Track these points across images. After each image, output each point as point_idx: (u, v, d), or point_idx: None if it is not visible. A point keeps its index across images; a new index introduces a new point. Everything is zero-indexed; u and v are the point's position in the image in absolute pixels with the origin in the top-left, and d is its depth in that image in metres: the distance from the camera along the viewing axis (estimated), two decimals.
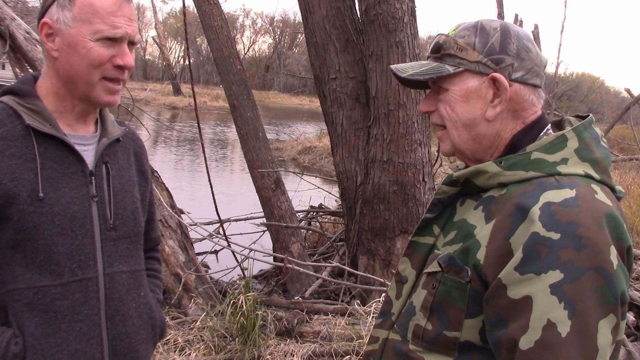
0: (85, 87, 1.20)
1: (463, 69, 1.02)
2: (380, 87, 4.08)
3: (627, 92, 7.77)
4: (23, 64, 3.49)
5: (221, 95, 28.41)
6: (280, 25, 62.93)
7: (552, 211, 0.88)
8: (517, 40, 1.01)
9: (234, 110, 5.24)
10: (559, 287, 0.85)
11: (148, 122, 13.83)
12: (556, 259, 0.85)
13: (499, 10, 6.67)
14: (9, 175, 1.11)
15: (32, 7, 11.57)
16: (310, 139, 17.86)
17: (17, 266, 1.13)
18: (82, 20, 1.16)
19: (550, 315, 0.85)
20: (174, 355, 3.10)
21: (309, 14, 4.38)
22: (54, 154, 1.17)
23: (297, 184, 6.76)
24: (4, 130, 1.13)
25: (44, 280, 1.15)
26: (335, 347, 3.11)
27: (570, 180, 0.93)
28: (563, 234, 0.86)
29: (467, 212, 1.03)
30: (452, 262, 0.98)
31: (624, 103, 21.22)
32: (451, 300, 0.98)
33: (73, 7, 1.16)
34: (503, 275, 0.89)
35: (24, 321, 1.13)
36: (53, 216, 1.15)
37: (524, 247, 0.88)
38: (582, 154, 0.97)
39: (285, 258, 3.97)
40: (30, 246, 1.13)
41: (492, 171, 0.99)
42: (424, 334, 1.01)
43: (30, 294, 1.14)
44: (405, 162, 4.12)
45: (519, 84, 1.01)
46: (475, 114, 1.03)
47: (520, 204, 0.92)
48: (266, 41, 69.92)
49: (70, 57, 1.17)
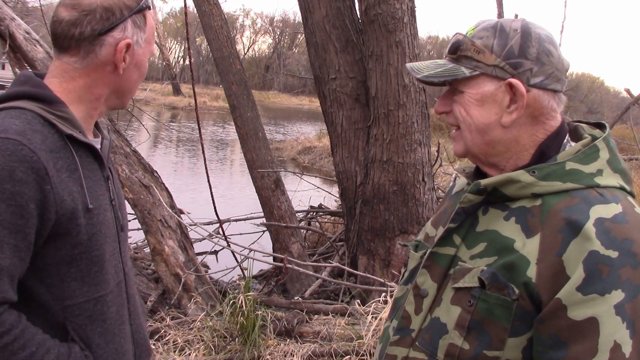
0: (129, 98, 1.27)
1: (479, 72, 0.98)
2: (380, 87, 4.08)
3: (627, 92, 7.76)
4: (23, 64, 3.49)
5: (221, 95, 28.38)
6: (280, 25, 62.94)
7: (606, 228, 0.87)
8: (538, 44, 0.96)
9: (233, 110, 5.24)
10: (622, 306, 0.84)
11: (148, 122, 13.85)
12: (617, 277, 0.84)
13: (499, 10, 6.67)
14: (66, 190, 1.07)
15: (32, 7, 11.59)
16: (310, 139, 17.86)
17: (72, 281, 1.12)
18: (148, 42, 1.22)
19: (616, 336, 0.84)
20: (173, 355, 3.10)
21: (309, 14, 4.39)
22: (86, 161, 1.16)
23: (297, 184, 6.76)
24: (50, 142, 1.07)
25: (100, 290, 1.16)
26: (335, 347, 3.11)
27: (612, 193, 0.93)
28: (620, 252, 0.85)
29: (496, 223, 0.99)
30: (495, 279, 0.93)
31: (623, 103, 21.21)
32: (493, 319, 0.93)
33: (146, 28, 1.20)
34: (563, 295, 0.86)
35: (88, 334, 1.14)
36: (100, 226, 1.16)
37: (584, 266, 0.85)
38: (614, 165, 0.96)
39: (285, 258, 3.97)
40: (85, 259, 1.13)
41: (526, 181, 0.95)
42: (460, 354, 0.96)
43: (90, 307, 1.15)
44: (405, 162, 4.12)
45: (538, 90, 0.97)
46: (491, 119, 0.99)
47: (570, 219, 0.89)
48: (266, 41, 69.98)
49: (132, 74, 1.21)
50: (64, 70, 1.17)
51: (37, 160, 1.02)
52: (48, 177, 1.03)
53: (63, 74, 1.17)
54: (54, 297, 1.11)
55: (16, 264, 1.02)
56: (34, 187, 1.01)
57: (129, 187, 3.73)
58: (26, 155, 1.01)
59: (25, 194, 1.00)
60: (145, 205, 3.77)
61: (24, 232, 1.02)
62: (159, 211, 3.81)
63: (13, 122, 1.04)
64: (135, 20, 1.17)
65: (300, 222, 5.86)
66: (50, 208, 1.04)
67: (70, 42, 1.14)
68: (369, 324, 3.27)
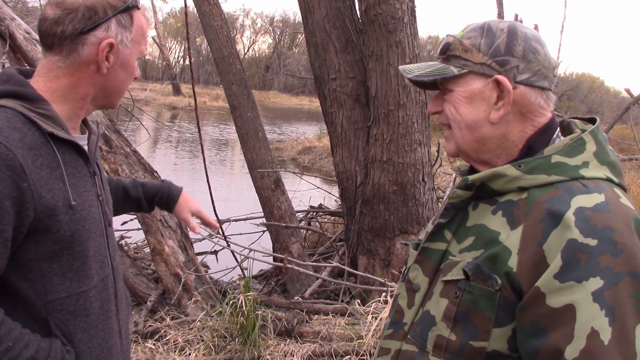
0: (118, 98, 1.27)
1: (467, 70, 1.01)
2: (380, 87, 4.08)
3: (627, 92, 7.76)
4: (23, 64, 3.49)
5: (221, 95, 28.39)
6: (280, 25, 62.94)
7: (586, 217, 0.87)
8: (524, 42, 0.99)
9: (233, 110, 5.24)
10: (600, 294, 0.84)
11: (148, 123, 13.85)
12: (596, 265, 0.85)
13: (499, 10, 6.67)
14: (45, 187, 1.08)
15: (32, 7, 11.59)
16: (310, 139, 17.86)
17: (54, 277, 1.13)
18: (136, 42, 1.21)
19: (593, 323, 0.84)
20: (173, 355, 3.10)
21: (309, 14, 4.39)
22: (69, 158, 1.17)
23: (297, 184, 6.77)
24: (29, 140, 1.08)
25: (82, 285, 1.17)
26: (335, 347, 3.11)
27: (596, 184, 0.93)
28: (600, 240, 0.86)
29: (484, 217, 1.01)
30: (479, 270, 0.96)
31: (623, 103, 21.21)
32: (478, 310, 0.95)
33: (132, 28, 1.19)
34: (541, 283, 0.88)
35: (70, 329, 1.15)
36: (84, 222, 1.16)
37: (562, 255, 0.87)
38: (601, 158, 0.97)
39: (285, 258, 3.97)
40: (67, 255, 1.13)
41: (512, 175, 0.97)
42: (448, 345, 0.98)
43: (72, 302, 1.15)
44: (405, 162, 4.13)
45: (524, 87, 0.99)
46: (479, 116, 1.02)
47: (552, 209, 0.91)
48: (266, 41, 69.98)
49: (118, 74, 1.20)
50: (49, 69, 1.18)
51: (13, 157, 1.02)
52: (25, 175, 1.04)
53: (48, 73, 1.18)
54: (36, 293, 1.11)
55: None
56: (9, 184, 1.02)
57: None
58: (2, 153, 1.01)
59: (1, 191, 1.01)
60: None
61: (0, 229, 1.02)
62: (158, 211, 3.81)
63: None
64: (120, 20, 1.17)
65: (300, 222, 5.86)
66: (27, 205, 1.05)
67: (53, 40, 1.15)
68: (369, 324, 3.27)
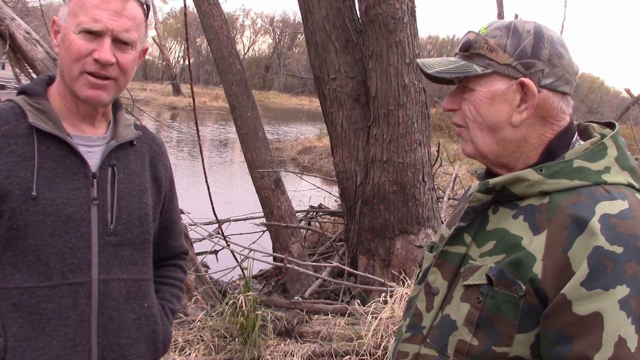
0: (69, 82, 1.17)
1: (492, 70, 0.99)
2: (380, 87, 4.08)
3: (627, 92, 7.76)
4: (23, 64, 3.49)
5: (221, 95, 28.39)
6: (280, 25, 62.94)
7: (612, 224, 0.87)
8: (550, 45, 0.97)
9: (233, 110, 5.24)
10: (626, 301, 0.84)
11: (148, 123, 13.84)
12: (622, 272, 0.84)
13: (498, 10, 6.67)
14: (4, 173, 1.10)
15: (32, 7, 11.59)
16: (310, 139, 17.86)
17: (7, 265, 1.12)
18: (72, 14, 1.15)
19: (620, 331, 0.84)
20: (173, 355, 3.10)
21: (309, 14, 4.38)
22: (55, 153, 1.16)
23: (297, 184, 6.77)
24: (7, 128, 1.14)
25: (31, 281, 1.12)
26: (335, 347, 3.11)
27: (619, 190, 0.93)
28: (626, 247, 0.85)
29: (506, 222, 1.00)
30: (502, 276, 0.94)
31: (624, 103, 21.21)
32: (501, 315, 0.94)
33: (70, 2, 1.17)
34: (567, 290, 0.87)
35: (7, 321, 1.12)
36: (46, 216, 1.13)
37: (589, 262, 0.86)
38: (622, 163, 0.96)
39: (285, 258, 3.97)
40: (20, 245, 1.12)
41: (533, 179, 0.96)
42: (470, 350, 0.97)
43: (16, 294, 1.12)
44: (405, 162, 4.12)
45: (548, 91, 0.98)
46: (501, 117, 1.00)
47: (576, 215, 0.90)
48: (266, 41, 69.99)
49: (61, 51, 1.18)
50: None
51: None
52: None
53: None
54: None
55: None
56: None
57: None
58: None
59: None
60: None
61: None
62: None
63: None
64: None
65: (300, 222, 5.86)
66: None
67: None
68: (369, 324, 3.27)
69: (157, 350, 1.31)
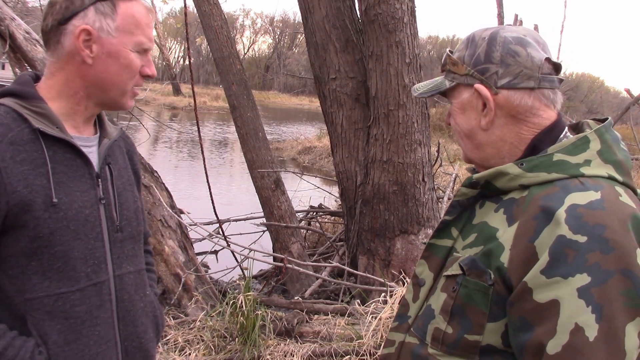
0: (116, 94, 1.22)
1: (456, 82, 1.06)
2: (380, 87, 4.08)
3: (627, 92, 7.77)
4: (23, 64, 3.49)
5: (221, 95, 28.39)
6: (280, 25, 62.92)
7: (578, 214, 0.88)
8: (502, 47, 1.00)
9: (233, 110, 5.24)
10: (586, 290, 0.84)
11: (148, 122, 13.84)
12: (583, 261, 0.85)
13: (498, 10, 6.67)
14: (22, 182, 1.08)
15: (32, 7, 11.58)
16: (310, 139, 17.86)
17: (33, 275, 1.11)
18: (126, 31, 1.18)
19: (578, 319, 0.84)
20: (174, 355, 3.10)
21: (309, 14, 4.39)
22: (62, 157, 1.16)
23: (297, 184, 6.77)
24: (13, 135, 1.09)
25: (62, 286, 1.14)
26: (335, 347, 3.11)
27: (595, 182, 0.93)
28: (590, 237, 0.86)
29: (488, 215, 1.02)
30: (474, 265, 0.98)
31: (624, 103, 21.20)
32: (473, 304, 0.97)
33: (116, 16, 1.17)
34: (529, 278, 0.89)
35: (45, 330, 1.13)
36: (68, 221, 1.14)
37: (550, 250, 0.87)
38: (605, 156, 0.96)
39: (285, 258, 3.97)
40: (47, 253, 1.12)
41: (514, 173, 0.98)
42: (444, 338, 1.00)
43: (50, 302, 1.13)
44: (405, 162, 4.12)
45: (507, 90, 1.00)
46: (472, 124, 1.06)
47: (545, 206, 0.91)
48: (266, 41, 69.97)
49: (108, 65, 1.18)
50: (47, 67, 1.21)
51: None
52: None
53: (47, 71, 1.21)
54: (16, 289, 1.11)
55: None
56: None
57: None
58: None
59: None
60: (145, 205, 3.77)
61: None
62: (159, 211, 3.81)
63: None
64: (99, 8, 1.16)
65: (300, 222, 5.86)
66: (0, 199, 1.06)
67: (45, 37, 1.18)
68: (368, 324, 3.27)
69: (159, 333, 1.40)
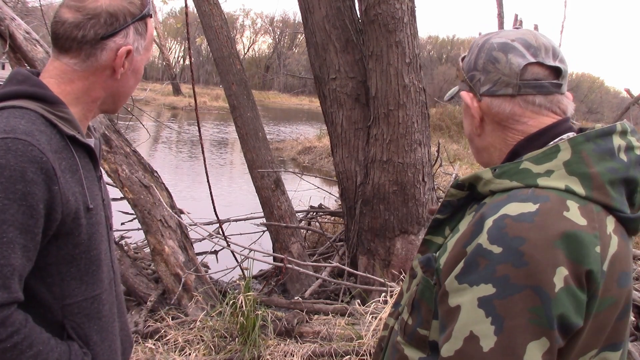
0: (123, 103, 1.29)
1: (459, 89, 1.10)
2: (380, 87, 4.08)
3: (627, 92, 7.76)
4: (23, 64, 3.49)
5: (221, 95, 28.40)
6: (280, 25, 62.92)
7: (502, 224, 0.87)
8: (486, 54, 1.01)
9: (233, 110, 5.24)
10: (488, 301, 0.84)
11: (148, 122, 13.85)
12: (492, 272, 0.84)
13: (498, 10, 6.66)
14: (70, 190, 1.09)
15: (32, 7, 11.59)
16: (310, 139, 17.86)
17: (72, 280, 1.14)
18: (147, 49, 1.24)
19: (473, 327, 0.85)
20: (174, 355, 3.10)
21: (309, 14, 4.39)
22: (84, 162, 1.17)
23: (297, 184, 6.77)
24: (54, 143, 1.08)
25: (96, 289, 1.19)
26: (335, 347, 3.11)
27: (543, 194, 0.90)
28: (505, 248, 0.84)
29: (467, 217, 1.03)
30: (428, 263, 1.02)
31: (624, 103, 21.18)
32: (424, 300, 1.01)
33: (146, 35, 1.22)
34: (447, 282, 0.92)
35: (86, 331, 1.17)
36: (98, 225, 1.18)
37: (466, 257, 0.89)
38: (572, 167, 0.92)
39: (285, 258, 3.97)
40: (84, 258, 1.15)
41: (486, 178, 0.99)
42: (406, 329, 1.06)
43: (87, 305, 1.17)
44: (405, 162, 4.12)
45: (488, 97, 1.02)
46: (469, 129, 1.10)
47: (484, 213, 0.92)
48: (266, 41, 69.98)
49: (129, 79, 1.24)
50: (63, 72, 1.17)
51: (47, 160, 1.04)
52: (56, 178, 1.05)
53: (62, 75, 1.17)
54: (54, 296, 1.12)
55: (25, 264, 1.04)
56: (43, 187, 1.03)
57: (129, 187, 3.73)
58: (36, 156, 1.02)
59: (36, 194, 1.02)
60: (145, 205, 3.77)
61: (33, 232, 1.03)
62: (159, 211, 3.81)
63: (19, 122, 1.05)
64: (137, 27, 1.19)
65: (300, 222, 5.86)
66: (57, 208, 1.06)
67: (72, 44, 1.15)
68: (368, 324, 3.27)
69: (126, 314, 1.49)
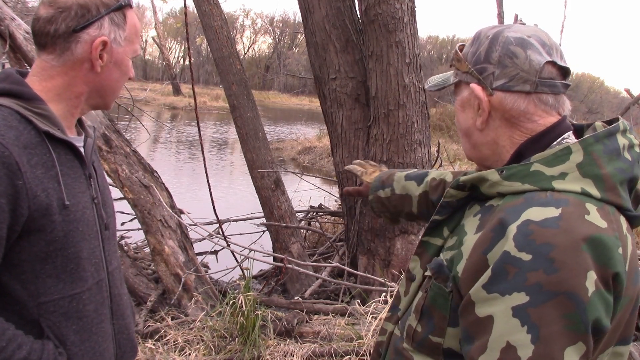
0: (112, 97, 1.27)
1: (458, 79, 1.05)
2: (380, 87, 4.08)
3: (627, 92, 7.77)
4: (23, 64, 3.49)
5: (221, 95, 28.38)
6: (280, 25, 62.92)
7: (528, 231, 0.85)
8: (502, 47, 0.98)
9: (233, 110, 5.24)
10: (522, 310, 0.82)
11: (148, 122, 13.85)
12: (523, 280, 0.83)
13: (498, 10, 6.66)
14: (40, 186, 1.07)
15: (32, 7, 11.58)
16: (310, 139, 17.86)
17: (47, 278, 1.12)
18: (129, 40, 1.22)
19: (510, 337, 0.83)
20: (173, 355, 3.10)
21: (309, 14, 4.39)
22: (65, 159, 1.16)
23: (297, 184, 6.77)
24: (24, 139, 1.07)
25: (75, 287, 1.16)
26: (335, 347, 3.11)
27: (561, 197, 0.88)
28: (535, 256, 0.83)
29: (469, 219, 1.01)
30: (440, 270, 0.99)
31: (624, 103, 21.21)
32: (437, 307, 0.99)
33: (126, 26, 1.20)
34: (472, 291, 0.89)
35: (62, 331, 1.14)
36: (77, 223, 1.16)
37: (493, 266, 0.86)
38: (585, 169, 0.91)
39: (285, 258, 3.97)
40: (61, 256, 1.13)
41: (493, 180, 0.97)
42: (414, 336, 1.03)
43: (65, 304, 1.15)
44: (405, 162, 4.12)
45: (502, 92, 0.98)
46: (469, 123, 1.05)
47: (503, 219, 0.89)
48: (266, 41, 69.99)
49: (112, 73, 1.21)
50: (43, 69, 1.18)
51: (9, 155, 1.02)
52: (20, 173, 1.04)
53: (42, 72, 1.18)
54: (29, 294, 1.11)
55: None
56: (5, 182, 1.01)
57: (129, 187, 3.73)
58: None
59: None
60: (145, 205, 3.77)
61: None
62: (159, 211, 3.81)
63: None
64: (113, 18, 1.18)
65: (300, 222, 5.86)
66: (22, 204, 1.04)
67: (47, 40, 1.15)
68: (369, 324, 3.27)
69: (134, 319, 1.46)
